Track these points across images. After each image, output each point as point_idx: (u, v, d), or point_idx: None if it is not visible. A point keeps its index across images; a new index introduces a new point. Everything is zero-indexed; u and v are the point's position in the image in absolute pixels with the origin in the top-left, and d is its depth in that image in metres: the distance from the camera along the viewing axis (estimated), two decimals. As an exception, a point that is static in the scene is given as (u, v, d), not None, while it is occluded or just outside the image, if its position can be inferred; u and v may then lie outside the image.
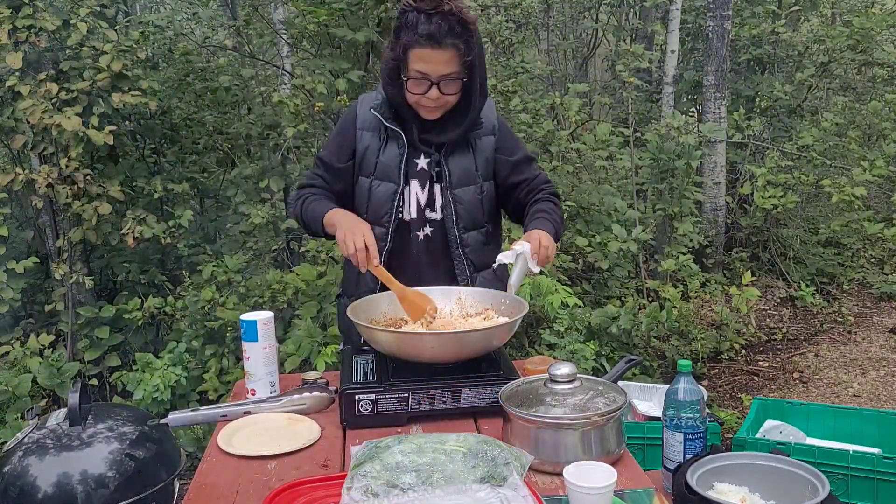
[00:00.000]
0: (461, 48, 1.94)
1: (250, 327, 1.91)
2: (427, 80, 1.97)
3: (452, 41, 1.93)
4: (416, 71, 1.96)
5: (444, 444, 1.31)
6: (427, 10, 1.91)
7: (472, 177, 2.14)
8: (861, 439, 3.15)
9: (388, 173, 2.12)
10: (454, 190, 2.12)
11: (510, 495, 1.21)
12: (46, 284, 4.46)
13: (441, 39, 1.92)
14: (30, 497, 1.40)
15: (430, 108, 2.03)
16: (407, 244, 2.15)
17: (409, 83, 1.99)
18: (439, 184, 2.12)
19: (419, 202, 2.13)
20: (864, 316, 5.62)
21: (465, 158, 2.13)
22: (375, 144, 2.13)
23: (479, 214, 2.17)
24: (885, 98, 6.76)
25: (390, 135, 2.12)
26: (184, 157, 4.88)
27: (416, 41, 1.93)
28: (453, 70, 1.97)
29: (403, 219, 2.13)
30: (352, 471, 1.25)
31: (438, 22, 1.91)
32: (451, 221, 2.13)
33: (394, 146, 2.11)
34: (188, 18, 6.03)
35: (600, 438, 1.58)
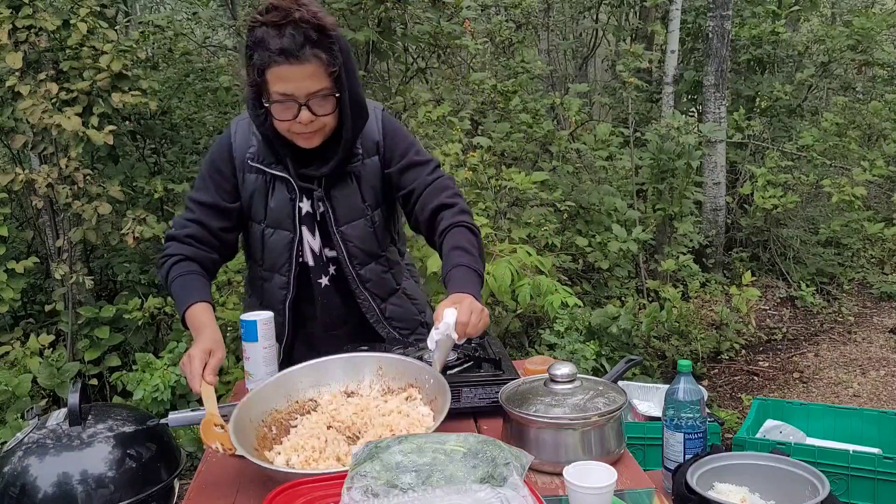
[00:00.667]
0: (323, 58, 1.69)
1: (250, 327, 1.91)
2: (293, 101, 1.72)
3: (312, 51, 1.68)
4: (279, 94, 1.71)
5: (444, 444, 1.30)
6: (277, 22, 1.67)
7: (360, 210, 1.94)
8: (861, 439, 3.16)
9: (280, 221, 1.92)
10: (341, 227, 1.93)
11: (510, 495, 1.21)
12: (46, 284, 4.46)
13: (297, 52, 1.67)
14: (30, 497, 1.40)
15: (306, 134, 1.78)
16: (310, 289, 2.00)
17: (274, 109, 1.74)
18: (325, 224, 1.93)
19: (311, 248, 1.96)
20: (864, 316, 5.62)
21: (347, 191, 1.91)
22: (262, 188, 1.91)
23: (373, 246, 1.99)
24: (885, 98, 6.76)
25: (275, 179, 1.89)
26: (184, 157, 4.88)
27: (271, 59, 1.68)
28: (322, 86, 1.72)
29: (305, 263, 1.97)
30: (351, 471, 1.24)
31: (291, 33, 1.66)
32: (345, 262, 1.95)
33: (282, 190, 1.90)
34: (188, 18, 6.03)
35: (600, 438, 1.57)
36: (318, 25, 1.69)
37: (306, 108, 1.73)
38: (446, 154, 3.98)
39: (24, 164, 4.33)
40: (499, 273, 3.47)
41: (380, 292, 2.04)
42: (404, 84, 4.69)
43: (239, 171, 1.92)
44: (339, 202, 1.92)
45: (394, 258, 2.09)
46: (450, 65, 5.52)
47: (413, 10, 4.66)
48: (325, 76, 1.72)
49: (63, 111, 3.67)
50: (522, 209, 4.68)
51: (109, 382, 3.97)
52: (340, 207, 1.92)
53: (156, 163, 4.79)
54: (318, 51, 1.69)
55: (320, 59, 1.70)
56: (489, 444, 1.31)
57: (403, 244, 2.18)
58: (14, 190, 3.87)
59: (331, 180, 1.90)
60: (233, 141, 1.93)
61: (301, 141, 1.81)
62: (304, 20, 1.67)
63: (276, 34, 1.67)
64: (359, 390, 1.72)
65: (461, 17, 4.86)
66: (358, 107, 1.84)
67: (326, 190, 1.91)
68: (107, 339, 3.98)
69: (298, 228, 1.93)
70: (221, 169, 1.93)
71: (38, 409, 1.60)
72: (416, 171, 1.94)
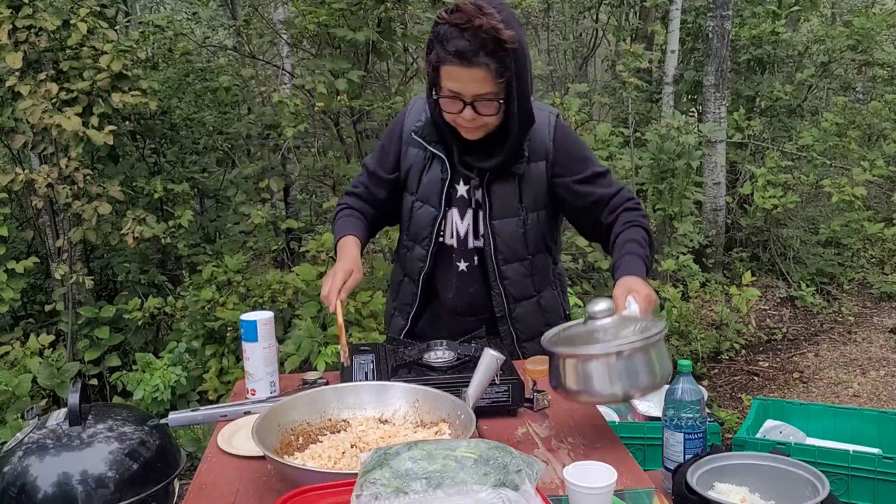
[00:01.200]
0: (493, 67, 1.78)
1: (250, 327, 1.91)
2: (460, 99, 1.83)
3: (484, 60, 1.77)
4: (448, 90, 1.83)
5: (454, 450, 1.30)
6: (459, 25, 1.76)
7: (515, 209, 2.01)
8: (861, 439, 3.16)
9: (429, 196, 2.03)
10: (494, 221, 2.01)
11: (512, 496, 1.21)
12: (46, 284, 4.46)
13: (471, 57, 1.77)
14: (30, 497, 1.40)
15: (469, 128, 1.89)
16: (448, 269, 2.08)
17: (442, 101, 1.87)
18: (481, 211, 2.01)
19: (457, 230, 2.04)
20: (864, 316, 5.62)
21: (507, 188, 1.99)
22: (420, 163, 2.03)
23: (520, 247, 2.04)
24: (885, 98, 6.76)
25: (434, 156, 2.01)
26: (184, 157, 4.88)
27: (446, 58, 1.80)
28: (488, 90, 1.82)
29: (444, 243, 2.06)
30: (360, 478, 1.24)
31: (470, 38, 1.76)
32: (490, 253, 2.02)
33: (437, 168, 2.01)
34: (188, 18, 6.02)
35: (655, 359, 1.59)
36: (497, 38, 1.77)
37: (471, 107, 1.83)
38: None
39: (24, 164, 4.32)
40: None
41: (515, 293, 2.09)
42: (404, 84, 4.69)
43: (404, 143, 2.06)
44: (496, 196, 2.00)
45: (540, 265, 2.12)
46: (450, 65, 5.52)
47: (413, 10, 4.66)
48: (493, 82, 1.81)
49: (63, 111, 3.67)
50: (522, 209, 4.68)
51: (109, 382, 3.97)
52: (497, 202, 2.00)
53: (156, 163, 4.79)
54: (489, 60, 1.78)
55: (489, 68, 1.79)
56: (500, 450, 1.30)
57: (558, 253, 2.23)
58: (14, 190, 3.87)
59: (494, 174, 1.99)
60: (406, 116, 2.08)
61: (464, 132, 1.92)
62: (483, 29, 1.75)
63: (455, 36, 1.77)
64: (392, 419, 1.71)
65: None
66: (526, 115, 1.92)
67: (489, 182, 1.99)
68: (107, 339, 3.98)
69: (444, 208, 2.03)
70: (391, 140, 2.09)
71: (38, 409, 1.60)
72: (598, 182, 2.03)
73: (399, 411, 1.71)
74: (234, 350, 3.82)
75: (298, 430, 1.65)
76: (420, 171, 2.03)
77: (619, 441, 1.74)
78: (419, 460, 1.27)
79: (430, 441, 1.37)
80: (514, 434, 1.75)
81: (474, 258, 2.06)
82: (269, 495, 1.50)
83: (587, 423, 1.81)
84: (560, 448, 1.69)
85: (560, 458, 1.63)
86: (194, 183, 4.67)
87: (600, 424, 1.82)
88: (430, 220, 2.04)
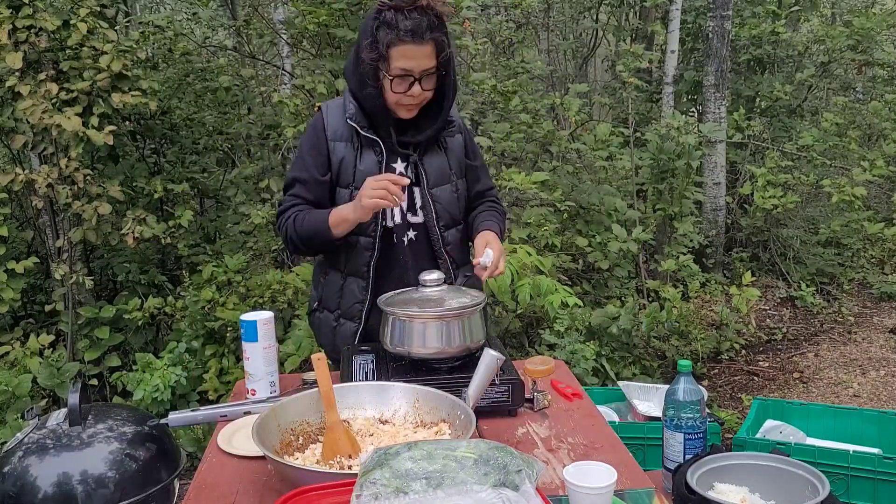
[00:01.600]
0: (441, 41, 1.96)
1: (250, 327, 1.91)
2: (410, 76, 1.97)
3: (432, 35, 1.94)
4: (400, 69, 1.96)
5: (454, 450, 1.29)
6: (405, 7, 1.92)
7: (447, 175, 2.17)
8: (861, 439, 3.16)
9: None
10: (432, 189, 2.13)
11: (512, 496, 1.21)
12: (46, 284, 4.46)
13: (422, 34, 1.93)
14: (30, 497, 1.40)
15: (410, 105, 2.03)
16: (392, 250, 2.14)
17: (392, 83, 1.98)
18: (417, 186, 2.13)
19: (401, 207, 2.11)
20: (864, 316, 5.62)
21: (438, 157, 2.15)
22: (350, 155, 2.10)
23: (456, 212, 2.20)
24: (885, 98, 6.76)
25: (365, 143, 2.09)
26: (184, 157, 4.87)
27: (398, 38, 1.93)
28: (433, 64, 1.98)
29: (387, 226, 2.12)
30: (360, 478, 1.24)
31: (418, 17, 1.93)
32: (433, 222, 2.14)
33: (370, 154, 2.10)
34: (188, 18, 6.02)
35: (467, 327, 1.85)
36: (438, 13, 1.96)
37: (418, 83, 1.97)
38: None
39: (24, 164, 4.32)
40: (499, 273, 3.46)
41: (458, 259, 2.22)
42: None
43: (330, 141, 2.12)
44: (430, 167, 2.13)
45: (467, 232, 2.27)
46: (450, 65, 5.51)
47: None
48: (436, 57, 1.98)
49: (63, 111, 3.67)
50: (522, 209, 4.68)
51: (109, 382, 3.97)
52: (432, 171, 2.14)
53: (156, 163, 4.79)
54: (437, 34, 1.96)
55: (437, 42, 1.96)
56: (500, 450, 1.30)
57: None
58: (14, 190, 3.87)
59: (425, 147, 2.13)
60: (325, 119, 2.14)
61: (403, 112, 2.05)
62: (429, 7, 1.94)
63: (403, 17, 1.93)
64: (392, 419, 1.71)
65: (461, 17, 4.85)
66: (454, 85, 2.11)
67: (420, 155, 2.13)
68: (107, 339, 3.98)
69: None
70: (314, 145, 2.13)
71: (38, 409, 1.60)
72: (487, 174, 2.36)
73: (399, 411, 1.72)
74: (234, 350, 3.82)
75: (298, 430, 1.65)
76: (353, 162, 2.10)
77: (619, 441, 1.74)
78: (419, 460, 1.27)
79: (430, 441, 1.37)
80: (514, 434, 1.75)
81: (410, 234, 2.15)
82: (269, 495, 1.50)
83: (587, 423, 1.81)
84: (560, 448, 1.69)
85: (560, 458, 1.63)
86: (194, 183, 4.67)
87: (600, 424, 1.82)
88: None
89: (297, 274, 4.01)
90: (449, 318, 1.84)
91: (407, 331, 1.85)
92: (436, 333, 1.84)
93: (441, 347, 1.84)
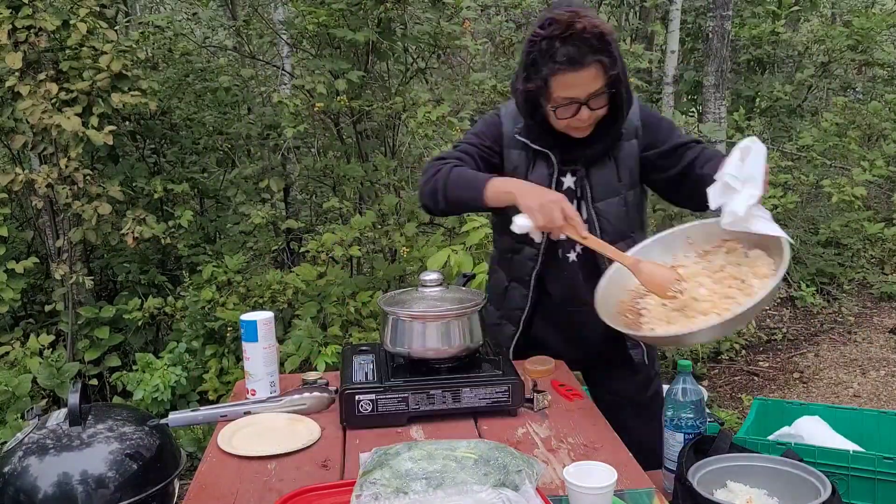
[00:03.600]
0: (605, 62, 1.82)
1: (250, 327, 1.91)
2: (576, 102, 1.86)
3: (594, 58, 1.81)
4: (562, 97, 1.85)
5: (454, 450, 1.30)
6: (560, 35, 1.79)
7: (615, 188, 2.05)
8: (861, 439, 3.15)
9: None
10: (597, 204, 2.04)
11: (512, 496, 1.21)
12: (46, 284, 4.46)
13: (582, 60, 1.80)
14: (30, 497, 1.40)
15: (581, 127, 1.93)
16: (557, 262, 2.08)
17: (557, 111, 1.88)
18: (582, 200, 2.04)
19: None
20: (864, 316, 5.62)
21: (606, 170, 2.03)
22: (523, 165, 2.04)
23: (624, 225, 2.08)
24: (885, 98, 6.76)
25: (538, 154, 2.02)
26: (184, 157, 4.87)
27: (557, 68, 1.81)
28: (600, 85, 1.85)
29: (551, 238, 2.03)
30: (360, 478, 1.24)
31: (577, 43, 1.79)
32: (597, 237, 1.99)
33: (542, 166, 2.03)
34: (188, 18, 6.01)
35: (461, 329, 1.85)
36: (600, 34, 1.80)
37: (586, 106, 1.86)
38: (446, 154, 3.98)
39: (24, 164, 4.32)
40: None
41: None
42: (404, 84, 4.68)
43: (506, 147, 2.06)
44: (596, 180, 2.03)
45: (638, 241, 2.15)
46: (450, 65, 5.52)
47: (413, 11, 4.66)
48: (603, 76, 1.85)
49: (63, 111, 3.67)
50: (522, 209, 4.68)
51: (109, 382, 3.97)
52: (598, 185, 2.03)
53: (156, 163, 4.79)
54: (600, 56, 1.81)
55: (601, 63, 1.82)
56: (501, 450, 1.30)
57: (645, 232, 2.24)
58: (14, 190, 3.87)
59: (590, 159, 2.02)
60: (503, 120, 2.07)
61: (575, 133, 1.95)
62: (586, 31, 1.79)
63: (561, 45, 1.79)
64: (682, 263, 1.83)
65: (461, 17, 4.85)
66: (629, 97, 1.96)
67: (586, 168, 2.03)
68: (107, 339, 3.98)
69: None
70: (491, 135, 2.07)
71: (38, 409, 1.60)
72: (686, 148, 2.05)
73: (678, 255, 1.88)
74: (234, 350, 3.82)
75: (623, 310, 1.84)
76: (525, 172, 2.03)
77: (619, 441, 1.73)
78: (419, 460, 1.27)
79: (430, 441, 1.37)
80: (514, 434, 1.75)
81: (577, 247, 2.07)
82: (269, 495, 1.50)
83: (587, 423, 1.81)
84: (560, 448, 1.69)
85: (560, 458, 1.63)
86: (194, 183, 4.67)
87: (600, 424, 1.82)
88: None
89: (298, 274, 4.01)
90: (449, 318, 1.84)
91: (407, 331, 1.85)
92: (436, 333, 1.84)
93: (441, 347, 1.84)
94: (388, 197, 4.32)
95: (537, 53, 1.83)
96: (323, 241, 3.90)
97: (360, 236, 3.94)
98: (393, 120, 4.55)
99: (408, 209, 4.29)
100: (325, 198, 4.49)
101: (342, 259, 4.24)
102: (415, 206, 4.30)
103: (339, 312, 3.84)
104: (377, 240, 4.10)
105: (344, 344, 3.42)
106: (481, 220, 3.52)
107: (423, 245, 3.98)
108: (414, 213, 4.23)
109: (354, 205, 4.37)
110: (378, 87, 4.66)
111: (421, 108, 4.04)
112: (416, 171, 5.24)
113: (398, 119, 4.52)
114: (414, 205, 4.32)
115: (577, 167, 2.02)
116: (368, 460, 1.30)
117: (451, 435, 1.68)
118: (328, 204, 4.23)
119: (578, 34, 1.78)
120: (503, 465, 1.27)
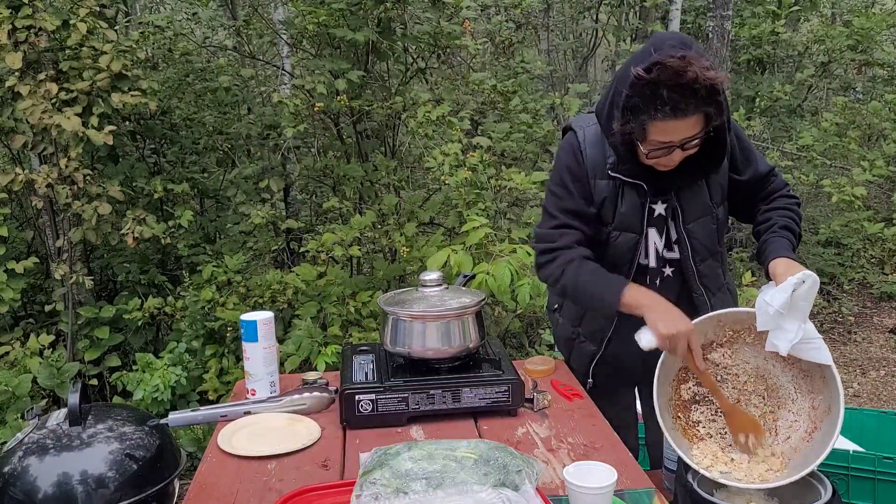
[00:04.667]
0: (710, 112, 1.73)
1: (250, 327, 1.91)
2: (670, 146, 1.78)
3: (699, 109, 1.71)
4: (657, 141, 1.77)
5: (454, 450, 1.30)
6: (667, 82, 1.67)
7: (706, 208, 2.01)
8: (861, 439, 3.15)
9: (628, 224, 1.98)
10: (688, 225, 1.99)
11: (512, 496, 1.21)
12: (46, 284, 4.45)
13: (686, 109, 1.70)
14: (30, 497, 1.40)
15: (669, 165, 1.86)
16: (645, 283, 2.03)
17: (649, 153, 1.81)
18: (673, 221, 2.00)
19: (657, 248, 2.02)
20: (864, 316, 5.62)
21: (697, 189, 1.98)
22: (612, 195, 1.96)
23: (713, 243, 2.05)
24: (885, 98, 6.76)
25: (627, 183, 1.95)
26: (184, 157, 4.87)
27: (659, 115, 1.71)
28: (698, 130, 1.76)
29: (641, 263, 2.02)
30: (360, 478, 1.24)
31: (685, 93, 1.67)
32: (688, 258, 2.01)
33: (633, 195, 1.96)
34: (188, 18, 6.01)
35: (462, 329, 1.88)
36: (712, 86, 1.69)
37: (679, 149, 1.79)
38: (446, 154, 3.98)
39: (24, 164, 4.32)
40: (498, 273, 3.46)
41: (712, 287, 2.09)
42: (404, 84, 4.68)
43: (591, 178, 1.97)
44: (687, 201, 1.98)
45: (724, 253, 2.16)
46: (450, 65, 5.51)
47: (413, 10, 4.66)
48: (704, 124, 1.77)
49: (63, 111, 3.67)
50: (522, 209, 4.68)
51: (109, 382, 3.97)
52: (689, 206, 1.98)
53: (156, 163, 4.79)
54: (706, 107, 1.72)
55: (705, 114, 1.74)
56: (501, 450, 1.30)
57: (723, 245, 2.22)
58: (14, 190, 3.87)
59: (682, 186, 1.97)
60: (583, 150, 1.97)
61: (662, 168, 1.87)
62: (697, 81, 1.67)
63: (666, 93, 1.68)
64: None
65: (461, 17, 4.85)
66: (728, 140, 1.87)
67: (676, 189, 1.97)
68: (107, 339, 3.98)
69: (645, 230, 1.99)
70: (579, 177, 1.98)
71: (38, 409, 1.60)
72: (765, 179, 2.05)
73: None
74: (234, 350, 3.82)
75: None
76: (614, 202, 1.97)
77: (619, 441, 1.74)
78: (419, 460, 1.27)
79: (430, 441, 1.37)
80: (514, 434, 1.75)
81: (667, 271, 2.05)
82: (269, 495, 1.50)
83: (587, 423, 1.81)
84: (560, 448, 1.69)
85: (560, 458, 1.63)
86: (194, 183, 4.67)
87: (600, 424, 1.82)
88: (632, 246, 1.99)
89: (298, 274, 4.01)
90: (449, 318, 1.84)
91: (407, 331, 1.85)
92: (436, 333, 1.84)
93: (441, 347, 1.84)
94: (388, 197, 4.31)
95: (639, 99, 1.71)
96: (323, 241, 3.90)
97: (360, 236, 3.94)
98: (393, 120, 4.55)
99: (408, 209, 4.28)
100: (325, 198, 4.49)
101: (342, 259, 4.24)
102: (415, 206, 4.30)
103: (339, 312, 3.84)
104: (377, 240, 4.09)
105: (344, 344, 3.41)
106: (481, 220, 3.51)
107: (423, 245, 3.97)
108: (414, 213, 4.23)
109: (354, 205, 4.36)
110: (378, 86, 4.66)
111: (421, 107, 4.04)
112: (416, 170, 5.25)
113: (398, 119, 4.52)
114: (414, 205, 4.32)
115: (669, 197, 1.97)
116: (368, 460, 1.30)
117: (451, 435, 1.68)
118: (328, 204, 4.23)
119: (689, 85, 1.67)
120: (503, 465, 1.27)
